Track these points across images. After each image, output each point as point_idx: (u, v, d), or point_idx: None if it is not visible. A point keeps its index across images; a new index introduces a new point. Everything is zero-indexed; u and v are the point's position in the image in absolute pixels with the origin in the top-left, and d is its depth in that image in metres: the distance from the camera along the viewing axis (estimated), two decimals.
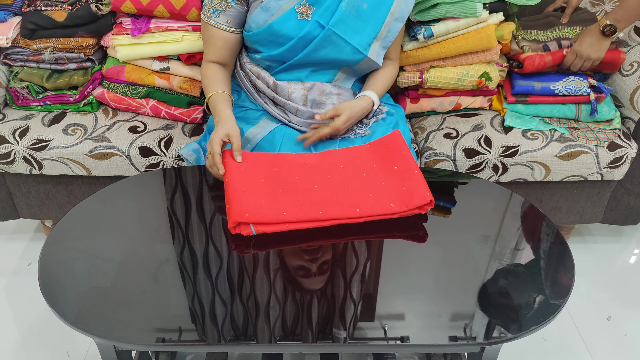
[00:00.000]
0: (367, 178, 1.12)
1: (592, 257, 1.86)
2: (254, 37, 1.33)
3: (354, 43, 1.31)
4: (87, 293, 0.94)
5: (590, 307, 1.67)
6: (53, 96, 1.61)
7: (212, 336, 0.88)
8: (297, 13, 1.28)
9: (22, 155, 1.54)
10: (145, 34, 1.54)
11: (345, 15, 1.28)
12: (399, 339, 0.90)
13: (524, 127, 1.59)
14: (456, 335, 0.90)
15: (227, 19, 1.31)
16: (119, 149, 1.53)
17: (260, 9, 1.29)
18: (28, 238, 1.91)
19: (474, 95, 1.66)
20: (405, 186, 1.09)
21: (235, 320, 0.91)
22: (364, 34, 1.32)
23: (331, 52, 1.32)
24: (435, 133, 1.61)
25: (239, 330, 0.90)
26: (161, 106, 1.61)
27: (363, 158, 1.18)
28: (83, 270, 0.98)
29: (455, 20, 1.50)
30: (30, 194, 1.67)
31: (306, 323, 0.91)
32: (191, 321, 0.90)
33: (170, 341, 0.87)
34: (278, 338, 0.89)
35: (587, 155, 1.55)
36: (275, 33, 1.29)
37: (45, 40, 1.54)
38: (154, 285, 0.96)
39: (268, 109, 1.41)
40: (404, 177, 1.11)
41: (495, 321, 0.92)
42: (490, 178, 1.59)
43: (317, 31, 1.29)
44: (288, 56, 1.34)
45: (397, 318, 0.94)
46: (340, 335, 0.89)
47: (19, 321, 1.60)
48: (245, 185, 1.08)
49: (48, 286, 0.94)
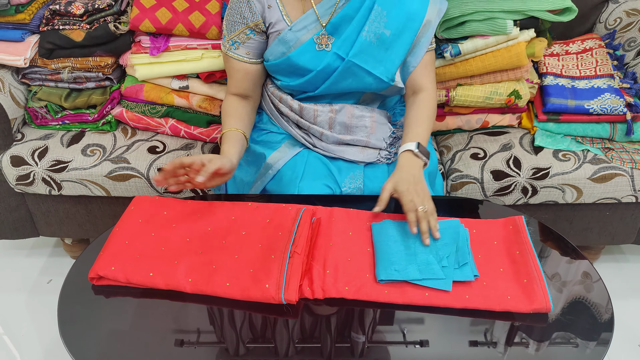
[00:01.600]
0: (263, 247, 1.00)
1: (623, 278, 1.80)
2: (272, 68, 1.29)
3: (377, 73, 1.24)
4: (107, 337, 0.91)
5: (621, 333, 1.61)
6: (72, 115, 1.58)
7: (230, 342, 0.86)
8: (316, 44, 1.23)
9: (41, 176, 1.52)
10: (164, 53, 1.50)
11: (367, 45, 1.21)
12: (418, 342, 0.88)
13: (555, 147, 1.53)
14: (476, 340, 0.88)
15: (246, 51, 1.26)
16: (138, 171, 1.51)
17: (277, 42, 1.23)
18: (47, 253, 1.90)
19: (502, 112, 1.60)
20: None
21: (254, 322, 0.91)
22: (388, 62, 1.24)
23: (353, 82, 1.26)
24: (462, 153, 1.55)
25: (257, 333, 0.89)
26: (180, 125, 1.58)
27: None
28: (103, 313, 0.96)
29: (484, 38, 1.44)
30: (50, 213, 1.65)
31: (324, 327, 0.90)
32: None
33: None
34: (296, 341, 0.88)
35: (622, 178, 1.48)
36: (293, 65, 1.24)
37: (63, 60, 1.51)
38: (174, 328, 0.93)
39: (292, 132, 1.37)
40: None
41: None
42: (519, 201, 1.53)
43: (337, 63, 1.23)
44: (308, 87, 1.28)
45: (416, 322, 0.92)
46: (359, 340, 0.88)
47: (41, 337, 1.60)
48: (130, 238, 1.03)
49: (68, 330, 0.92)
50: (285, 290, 0.90)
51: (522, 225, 1.04)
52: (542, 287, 0.91)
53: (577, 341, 0.90)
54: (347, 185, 1.27)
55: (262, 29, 1.24)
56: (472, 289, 0.92)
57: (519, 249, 1.00)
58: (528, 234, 1.02)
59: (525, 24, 1.45)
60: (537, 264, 0.96)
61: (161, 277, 0.95)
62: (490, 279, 0.95)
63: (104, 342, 0.90)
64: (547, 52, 1.73)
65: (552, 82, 1.58)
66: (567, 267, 1.05)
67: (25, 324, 1.65)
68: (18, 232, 1.70)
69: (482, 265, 0.98)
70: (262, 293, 0.91)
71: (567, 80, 1.60)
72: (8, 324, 1.66)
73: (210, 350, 0.89)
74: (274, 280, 0.91)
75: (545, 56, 1.70)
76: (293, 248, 0.97)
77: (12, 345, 1.59)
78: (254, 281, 0.93)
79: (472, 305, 0.90)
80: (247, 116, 1.30)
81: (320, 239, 1.03)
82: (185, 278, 0.95)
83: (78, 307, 0.96)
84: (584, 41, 1.75)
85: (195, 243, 1.03)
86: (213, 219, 1.09)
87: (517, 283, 0.94)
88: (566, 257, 1.07)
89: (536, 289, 0.91)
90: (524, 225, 1.04)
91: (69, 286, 1.00)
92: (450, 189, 1.52)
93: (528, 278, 0.93)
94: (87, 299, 0.97)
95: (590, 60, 1.66)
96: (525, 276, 0.94)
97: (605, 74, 1.59)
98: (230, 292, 0.92)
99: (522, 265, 0.96)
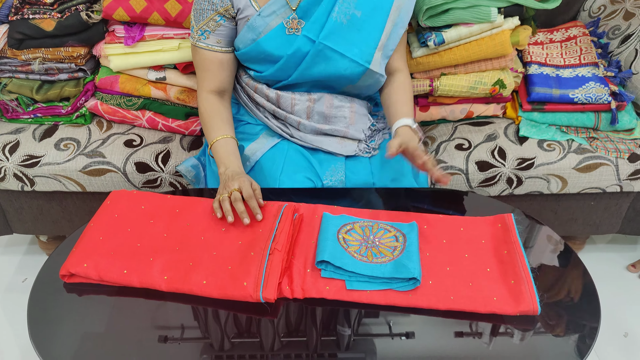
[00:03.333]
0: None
1: (608, 268, 1.80)
2: (243, 56, 1.24)
3: (351, 55, 1.20)
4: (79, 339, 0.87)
5: (607, 323, 1.60)
6: (44, 108, 1.53)
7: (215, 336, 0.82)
8: (286, 28, 1.18)
9: (12, 172, 1.46)
10: (140, 43, 1.45)
11: (337, 27, 1.17)
12: (404, 334, 0.87)
13: (540, 137, 1.51)
14: (462, 331, 0.86)
15: (217, 39, 1.21)
16: (114, 165, 1.46)
17: (246, 28, 1.19)
18: (23, 251, 1.85)
19: (487, 102, 1.57)
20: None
21: (239, 317, 0.88)
22: (362, 44, 1.21)
23: (327, 68, 1.21)
24: (446, 144, 1.53)
25: (242, 328, 0.86)
26: (158, 118, 1.53)
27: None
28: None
29: (468, 26, 1.41)
30: (23, 210, 1.60)
31: (310, 320, 0.88)
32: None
33: None
34: (282, 335, 0.85)
35: (607, 167, 1.47)
36: (263, 51, 1.20)
37: (33, 50, 1.45)
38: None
39: (268, 123, 1.33)
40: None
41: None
42: (504, 191, 1.52)
43: (307, 47, 1.19)
44: (281, 75, 1.24)
45: (402, 314, 0.90)
46: (345, 333, 0.86)
47: (17, 337, 1.55)
48: (105, 233, 0.99)
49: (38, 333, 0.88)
50: (264, 289, 0.87)
51: (511, 224, 1.01)
52: (530, 288, 0.88)
53: (563, 332, 0.88)
54: (329, 178, 1.23)
55: (232, 14, 1.19)
56: (457, 290, 0.89)
57: (507, 248, 0.97)
58: (517, 233, 0.99)
59: (510, 11, 1.42)
60: (525, 264, 0.93)
61: (135, 274, 0.92)
62: (476, 279, 0.92)
63: (76, 343, 0.86)
64: (531, 40, 1.71)
65: (537, 71, 1.56)
66: (552, 258, 1.03)
67: (0, 323, 1.60)
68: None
69: (469, 265, 0.95)
70: (239, 291, 0.87)
71: (551, 69, 1.58)
72: None
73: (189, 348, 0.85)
74: (253, 278, 0.88)
75: (530, 45, 1.68)
76: (273, 245, 0.94)
77: None
78: (232, 279, 0.89)
79: (457, 307, 0.87)
80: (230, 117, 1.25)
81: (303, 237, 1.00)
82: (160, 276, 0.91)
83: (49, 306, 0.92)
84: (568, 29, 1.74)
85: (173, 239, 0.99)
86: (192, 214, 1.05)
87: (504, 284, 0.91)
88: (551, 248, 1.06)
89: (523, 291, 0.88)
90: (513, 223, 1.01)
91: (41, 284, 0.96)
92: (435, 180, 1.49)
93: (515, 279, 0.91)
94: (59, 298, 0.93)
95: (574, 48, 1.64)
96: (513, 277, 0.91)
97: (590, 62, 1.58)
98: (207, 290, 0.89)
99: (510, 266, 0.93)
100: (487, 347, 0.85)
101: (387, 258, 0.93)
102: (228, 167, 1.13)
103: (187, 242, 0.98)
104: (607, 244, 1.89)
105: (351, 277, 0.91)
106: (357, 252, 0.94)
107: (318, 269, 0.93)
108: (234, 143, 1.19)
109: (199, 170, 1.39)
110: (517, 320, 0.87)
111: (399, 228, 1.00)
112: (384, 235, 0.99)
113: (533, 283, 0.89)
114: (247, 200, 1.03)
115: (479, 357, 0.84)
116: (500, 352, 0.85)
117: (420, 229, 1.01)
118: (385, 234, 0.99)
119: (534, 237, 1.07)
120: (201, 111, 1.24)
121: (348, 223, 1.01)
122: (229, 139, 1.18)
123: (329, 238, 0.96)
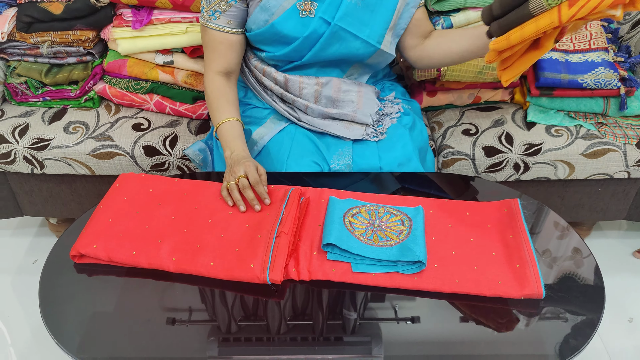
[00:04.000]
0: None
1: (614, 254, 1.80)
2: (255, 37, 1.24)
3: (364, 36, 1.21)
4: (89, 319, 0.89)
5: (611, 308, 1.61)
6: (53, 92, 1.54)
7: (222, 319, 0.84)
8: (299, 11, 1.18)
9: (22, 155, 1.48)
10: (147, 26, 1.46)
11: (351, 8, 1.18)
12: (410, 319, 0.87)
13: (547, 122, 1.51)
14: (467, 315, 0.87)
15: (227, 20, 1.21)
16: (122, 149, 1.47)
17: (259, 9, 1.19)
18: (33, 233, 1.87)
19: (494, 87, 1.57)
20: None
21: (245, 301, 0.89)
22: (374, 25, 1.22)
23: (340, 48, 1.23)
24: (453, 129, 1.52)
25: (249, 310, 0.87)
26: (165, 102, 1.54)
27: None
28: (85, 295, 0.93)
29: (477, 10, 1.40)
30: (33, 192, 1.62)
31: (316, 304, 0.89)
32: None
33: None
34: (288, 319, 0.86)
35: (614, 154, 1.46)
36: (277, 33, 1.20)
37: (42, 34, 1.46)
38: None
39: (276, 107, 1.33)
40: None
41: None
42: (510, 177, 1.52)
43: (322, 28, 1.19)
44: (294, 56, 1.25)
45: (407, 299, 0.90)
46: (351, 316, 0.87)
47: (28, 318, 1.58)
48: (114, 215, 1.00)
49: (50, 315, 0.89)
50: (271, 270, 0.88)
51: (517, 209, 1.01)
52: (535, 272, 0.89)
53: (568, 317, 0.89)
54: (336, 162, 1.24)
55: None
56: (462, 273, 0.90)
57: (512, 232, 0.97)
58: (523, 218, 1.00)
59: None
60: (530, 248, 0.93)
61: (144, 255, 0.93)
62: (481, 263, 0.92)
63: (86, 322, 0.87)
64: None
65: (546, 56, 1.55)
66: (558, 244, 1.04)
67: (12, 304, 1.63)
68: (1, 212, 1.66)
69: (474, 248, 0.95)
70: (246, 273, 0.88)
71: (560, 53, 1.56)
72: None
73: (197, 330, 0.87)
74: (260, 260, 0.89)
75: None
76: (280, 228, 0.95)
77: (0, 324, 1.57)
78: (239, 261, 0.90)
79: (462, 290, 0.88)
80: (236, 99, 1.26)
81: (309, 220, 1.01)
82: (168, 257, 0.92)
83: (60, 286, 0.93)
84: None
85: (181, 222, 1.00)
86: (200, 197, 1.06)
87: (509, 268, 0.91)
88: (557, 234, 1.06)
89: (528, 274, 0.89)
90: (519, 208, 1.01)
91: (51, 265, 0.98)
92: (441, 165, 1.50)
93: (520, 263, 0.91)
94: (69, 278, 0.95)
95: (584, 33, 1.63)
96: (518, 261, 0.92)
97: (600, 48, 1.56)
98: (215, 271, 0.90)
99: (515, 250, 0.94)
100: (492, 331, 0.86)
101: (392, 241, 0.94)
102: (233, 151, 1.13)
103: (195, 224, 0.99)
104: (614, 231, 1.89)
105: (357, 260, 0.92)
106: (363, 235, 0.95)
107: (324, 252, 0.93)
108: (239, 126, 1.19)
109: (206, 154, 1.39)
110: (521, 303, 0.88)
111: (405, 212, 1.01)
112: (390, 219, 0.99)
113: (538, 267, 0.90)
114: (254, 185, 1.03)
115: (483, 341, 0.85)
116: (504, 336, 0.86)
117: (426, 213, 1.02)
118: (391, 217, 1.00)
119: (540, 223, 1.08)
120: (207, 92, 1.25)
121: (354, 207, 1.02)
122: (235, 122, 1.19)
123: (335, 221, 0.97)
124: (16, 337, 1.53)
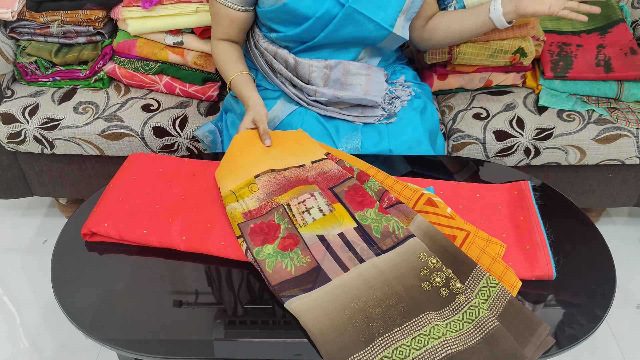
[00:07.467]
0: None
1: (623, 240, 1.79)
2: (267, 15, 1.23)
3: (378, 19, 1.20)
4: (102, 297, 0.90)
5: (620, 295, 1.60)
6: (62, 71, 1.53)
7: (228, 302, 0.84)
8: None
9: (32, 134, 1.48)
10: (157, 6, 1.45)
11: None
12: None
13: (559, 107, 1.49)
14: None
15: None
16: (132, 129, 1.47)
17: None
18: (43, 214, 1.88)
19: (506, 71, 1.55)
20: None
21: (252, 284, 0.90)
22: (388, 8, 1.21)
23: (353, 30, 1.22)
24: (464, 113, 1.51)
25: (255, 294, 0.88)
26: (175, 83, 1.53)
27: None
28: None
29: None
30: (43, 173, 1.62)
31: None
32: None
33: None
34: None
35: (627, 139, 1.45)
36: (290, 12, 1.19)
37: (52, 13, 1.45)
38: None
39: (285, 91, 1.32)
40: None
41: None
42: (521, 162, 1.51)
43: (336, 9, 1.18)
44: (306, 37, 1.24)
45: None
46: None
47: (38, 298, 1.59)
48: (124, 194, 1.01)
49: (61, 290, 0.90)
50: None
51: (528, 191, 1.01)
52: (546, 253, 0.89)
53: (577, 302, 0.88)
54: (344, 145, 1.24)
55: None
56: None
57: (523, 214, 0.97)
58: (534, 200, 0.99)
59: None
60: (541, 230, 0.93)
61: (155, 234, 0.93)
62: None
63: (98, 300, 0.88)
64: None
65: None
66: (568, 227, 1.03)
67: (22, 284, 1.64)
68: (11, 192, 1.67)
69: (485, 230, 0.95)
70: None
71: None
72: (5, 284, 1.65)
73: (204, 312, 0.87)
74: None
75: None
76: None
77: (10, 304, 1.59)
78: None
79: None
80: (243, 58, 1.30)
81: None
82: (179, 236, 0.93)
83: (72, 265, 0.94)
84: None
85: (190, 201, 1.01)
86: (209, 177, 1.06)
87: (519, 249, 0.91)
88: (568, 219, 1.05)
89: (539, 256, 0.89)
90: (529, 190, 1.01)
91: (62, 244, 0.98)
92: (451, 149, 1.49)
93: (531, 244, 0.91)
94: (80, 256, 0.95)
95: None
96: (529, 242, 0.92)
97: None
98: (225, 251, 0.90)
99: (526, 232, 0.94)
100: None
101: None
102: (247, 105, 1.18)
103: (204, 204, 1.00)
104: (623, 217, 1.88)
105: None
106: None
107: None
108: (249, 77, 1.24)
109: (215, 136, 1.39)
110: (531, 284, 0.88)
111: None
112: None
113: (549, 248, 0.90)
114: (261, 135, 1.12)
115: None
116: None
117: (436, 194, 1.01)
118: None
119: (551, 206, 1.07)
120: (214, 57, 1.30)
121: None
122: (244, 74, 1.24)
123: None
124: (26, 317, 1.55)
